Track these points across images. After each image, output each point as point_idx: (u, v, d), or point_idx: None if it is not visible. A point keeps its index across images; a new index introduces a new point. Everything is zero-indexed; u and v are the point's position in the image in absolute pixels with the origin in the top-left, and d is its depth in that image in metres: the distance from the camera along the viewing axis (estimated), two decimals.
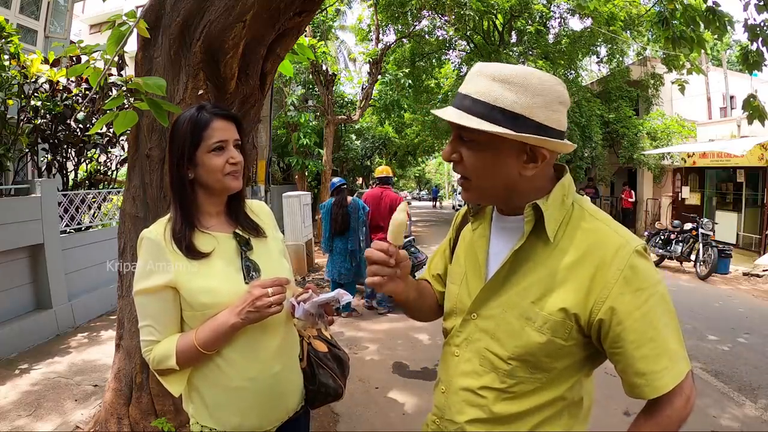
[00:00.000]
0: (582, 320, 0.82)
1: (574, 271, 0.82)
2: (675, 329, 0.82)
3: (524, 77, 0.80)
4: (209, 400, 1.14)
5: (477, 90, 0.82)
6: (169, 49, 2.06)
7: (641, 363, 0.79)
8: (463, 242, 1.04)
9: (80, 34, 17.28)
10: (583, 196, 0.94)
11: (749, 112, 3.62)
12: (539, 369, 0.86)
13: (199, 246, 1.12)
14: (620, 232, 0.84)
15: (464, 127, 0.81)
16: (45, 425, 2.75)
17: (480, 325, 0.92)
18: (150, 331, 1.10)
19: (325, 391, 1.30)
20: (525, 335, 0.85)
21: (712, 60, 18.49)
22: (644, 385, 0.80)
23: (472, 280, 0.96)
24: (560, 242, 0.85)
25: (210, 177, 1.13)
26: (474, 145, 0.84)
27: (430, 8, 12.78)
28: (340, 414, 3.00)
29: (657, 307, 0.80)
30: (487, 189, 0.88)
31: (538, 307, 0.84)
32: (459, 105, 0.84)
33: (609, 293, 0.79)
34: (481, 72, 0.83)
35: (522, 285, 0.87)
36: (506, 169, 0.84)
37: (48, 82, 4.72)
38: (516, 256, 0.87)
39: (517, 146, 0.82)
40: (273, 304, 1.06)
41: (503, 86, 0.80)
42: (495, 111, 0.79)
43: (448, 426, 0.96)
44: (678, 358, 0.80)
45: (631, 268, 0.79)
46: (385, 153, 21.15)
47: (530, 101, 0.79)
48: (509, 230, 0.92)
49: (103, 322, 4.72)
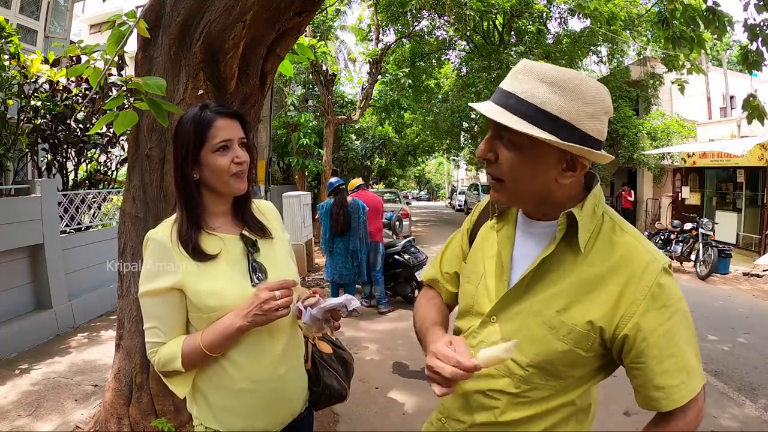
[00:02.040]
0: (606, 334, 0.82)
1: (602, 284, 0.81)
2: (694, 345, 0.83)
3: (576, 83, 0.77)
4: (214, 402, 1.14)
5: (523, 89, 0.78)
6: (169, 49, 2.06)
7: (661, 378, 0.80)
8: (482, 241, 1.01)
9: (80, 34, 17.27)
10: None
11: (749, 111, 3.62)
12: (555, 377, 0.85)
13: (206, 248, 1.11)
14: (649, 248, 0.83)
15: (506, 126, 0.78)
16: (45, 425, 2.75)
17: (499, 329, 0.90)
18: (156, 333, 1.09)
19: (330, 392, 1.30)
20: (547, 343, 0.84)
21: (712, 60, 18.49)
22: (662, 398, 0.80)
23: (493, 282, 0.93)
24: (590, 254, 0.83)
25: (215, 178, 1.12)
26: (513, 147, 0.81)
27: (430, 8, 12.78)
28: (340, 414, 3.00)
29: (679, 324, 0.80)
30: (521, 193, 0.85)
31: (563, 317, 0.83)
32: (502, 103, 0.80)
33: (636, 309, 0.79)
34: (529, 70, 0.79)
35: (548, 293, 0.85)
36: (544, 176, 0.82)
37: (48, 82, 4.72)
38: (543, 263, 0.85)
39: (558, 153, 0.80)
40: (280, 307, 1.05)
41: (552, 89, 0.77)
42: (541, 114, 0.76)
43: (454, 426, 0.96)
44: (695, 373, 0.81)
45: (658, 286, 0.79)
46: (385, 153, 21.14)
47: (578, 109, 0.77)
48: (537, 235, 0.90)
49: (103, 322, 4.72)
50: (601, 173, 13.83)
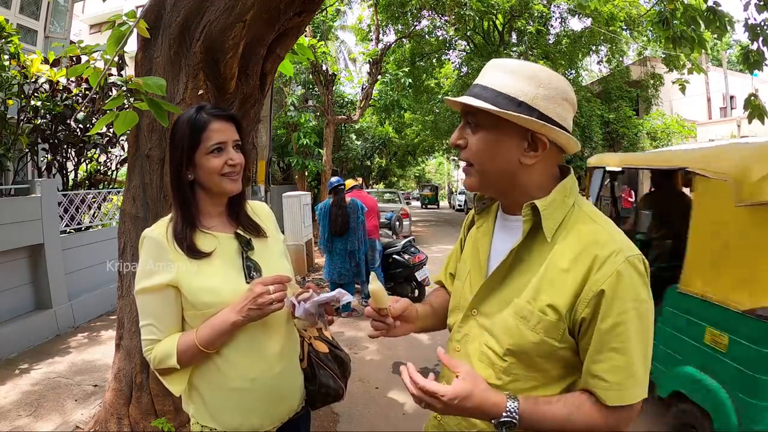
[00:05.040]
0: (570, 321, 0.83)
1: (567, 271, 0.83)
2: (644, 353, 0.81)
3: (532, 70, 0.85)
4: (210, 400, 1.14)
5: (487, 80, 0.87)
6: (169, 49, 2.06)
7: (597, 366, 0.81)
8: (469, 241, 1.06)
9: (80, 34, 17.28)
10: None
11: (750, 110, 3.62)
12: (534, 368, 0.87)
13: (201, 246, 1.12)
14: (617, 238, 0.83)
15: (470, 111, 0.87)
16: (45, 425, 2.75)
17: (480, 322, 0.93)
18: (151, 330, 1.10)
19: (326, 391, 1.30)
20: (519, 333, 0.85)
21: (712, 60, 18.51)
22: (593, 387, 0.82)
23: (474, 277, 0.97)
24: (557, 243, 0.85)
25: (207, 179, 1.13)
26: (478, 129, 0.88)
27: (430, 8, 12.79)
28: (340, 414, 3.00)
29: (632, 324, 0.79)
30: (488, 175, 0.89)
31: (532, 306, 0.84)
32: (469, 92, 0.89)
33: (593, 295, 0.80)
34: (494, 65, 0.90)
35: (519, 283, 0.88)
36: (506, 154, 0.86)
37: (48, 82, 4.73)
38: (516, 255, 0.88)
39: (518, 132, 0.85)
40: (274, 301, 1.06)
41: (511, 76, 0.85)
42: (500, 97, 0.84)
43: (449, 420, 0.97)
44: (637, 383, 0.80)
45: (618, 275, 0.79)
46: (385, 153, 21.15)
47: (534, 91, 0.84)
48: (512, 229, 0.93)
49: (103, 322, 4.72)
50: None
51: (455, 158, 29.49)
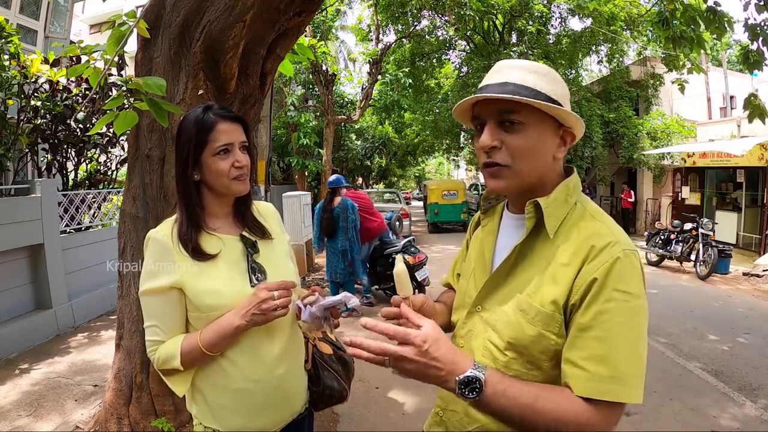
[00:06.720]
0: (565, 311, 0.82)
1: (567, 265, 0.83)
2: (630, 350, 0.77)
3: (545, 68, 0.89)
4: (213, 401, 1.14)
5: (515, 78, 0.86)
6: (169, 49, 2.06)
7: (573, 352, 0.78)
8: (475, 240, 1.07)
9: (80, 34, 17.28)
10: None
11: (750, 110, 3.62)
12: (534, 365, 0.86)
13: (206, 247, 1.12)
14: (616, 232, 0.84)
15: (511, 111, 0.84)
16: (45, 425, 2.75)
17: (483, 317, 0.93)
18: (155, 332, 1.10)
19: (330, 393, 1.30)
20: (519, 327, 0.86)
21: (712, 60, 18.49)
22: (567, 374, 0.78)
23: (478, 274, 0.98)
24: (559, 239, 0.86)
25: (216, 181, 1.13)
26: (521, 128, 0.85)
27: (430, 8, 12.79)
28: (340, 414, 3.00)
29: (620, 316, 0.76)
30: (525, 173, 0.87)
31: (531, 299, 0.85)
32: (502, 91, 0.84)
33: (585, 283, 0.79)
34: (510, 65, 0.90)
35: (522, 279, 0.89)
36: (545, 152, 0.88)
37: (48, 82, 4.73)
38: (519, 252, 0.89)
39: (554, 128, 0.88)
40: (278, 307, 1.06)
41: (537, 77, 0.87)
42: (540, 96, 0.84)
43: (450, 417, 0.97)
44: (616, 379, 0.75)
45: (611, 264, 0.78)
46: (385, 153, 21.15)
47: (561, 91, 0.88)
48: (517, 227, 0.94)
49: (103, 322, 4.72)
50: (601, 173, 13.85)
51: (455, 158, 29.45)
